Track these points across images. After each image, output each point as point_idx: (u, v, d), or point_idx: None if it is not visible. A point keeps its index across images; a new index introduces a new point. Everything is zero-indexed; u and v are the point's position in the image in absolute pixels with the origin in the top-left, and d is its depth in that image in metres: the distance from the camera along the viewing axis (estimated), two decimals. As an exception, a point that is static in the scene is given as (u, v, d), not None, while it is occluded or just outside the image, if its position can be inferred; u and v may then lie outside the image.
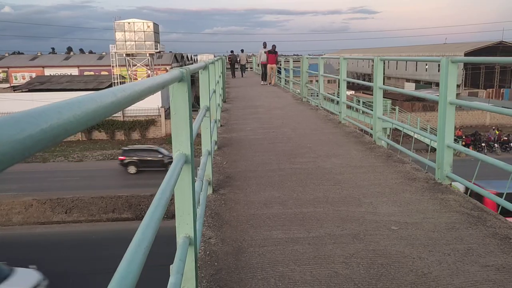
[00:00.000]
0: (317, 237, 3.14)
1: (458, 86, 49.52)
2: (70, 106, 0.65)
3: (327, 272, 2.63)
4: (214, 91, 5.77)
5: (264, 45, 18.34)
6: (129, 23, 41.56)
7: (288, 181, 4.57)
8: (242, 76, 25.15)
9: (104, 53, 57.91)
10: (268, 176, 4.77)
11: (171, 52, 58.13)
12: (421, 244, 2.97)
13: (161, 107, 36.21)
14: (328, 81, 49.04)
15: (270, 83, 18.26)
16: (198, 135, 3.39)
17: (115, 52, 42.17)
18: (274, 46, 17.64)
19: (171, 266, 1.85)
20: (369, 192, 4.12)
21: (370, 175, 4.70)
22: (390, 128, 24.55)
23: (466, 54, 47.89)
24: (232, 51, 26.51)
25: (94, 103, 0.74)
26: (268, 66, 17.97)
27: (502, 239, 3.04)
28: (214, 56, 18.38)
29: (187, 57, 63.54)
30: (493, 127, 33.44)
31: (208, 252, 2.89)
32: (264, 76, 18.88)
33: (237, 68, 26.01)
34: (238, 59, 25.77)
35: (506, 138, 31.40)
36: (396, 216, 3.50)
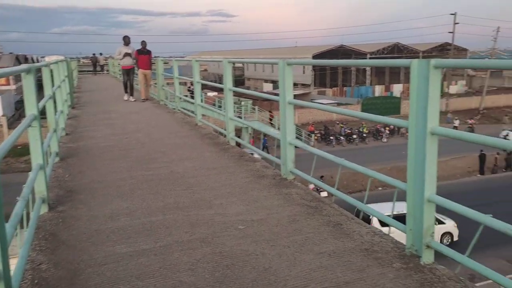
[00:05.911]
0: (165, 246, 3.03)
1: (308, 85, 54.43)
2: None
3: (172, 282, 2.54)
4: (51, 97, 5.21)
5: (126, 41, 12.24)
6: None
7: (138, 189, 4.36)
8: (101, 73, 32.51)
9: None
10: (117, 185, 4.49)
11: (11, 53, 51.57)
12: (265, 239, 3.09)
13: (2, 115, 31.86)
14: (191, 84, 49.04)
15: (144, 99, 12.65)
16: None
17: None
18: (144, 43, 12.33)
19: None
20: (220, 193, 4.16)
21: (222, 176, 4.76)
22: (251, 127, 25.66)
23: (314, 56, 52.85)
24: (94, 54, 34.28)
25: None
26: (140, 72, 12.31)
27: (334, 226, 3.33)
28: (65, 58, 16.56)
29: (32, 59, 56.99)
30: (337, 122, 37.56)
31: (36, 281, 2.55)
32: (129, 88, 12.76)
33: (98, 71, 32.86)
34: (97, 61, 33.24)
35: (349, 131, 35.55)
36: (244, 215, 3.58)
